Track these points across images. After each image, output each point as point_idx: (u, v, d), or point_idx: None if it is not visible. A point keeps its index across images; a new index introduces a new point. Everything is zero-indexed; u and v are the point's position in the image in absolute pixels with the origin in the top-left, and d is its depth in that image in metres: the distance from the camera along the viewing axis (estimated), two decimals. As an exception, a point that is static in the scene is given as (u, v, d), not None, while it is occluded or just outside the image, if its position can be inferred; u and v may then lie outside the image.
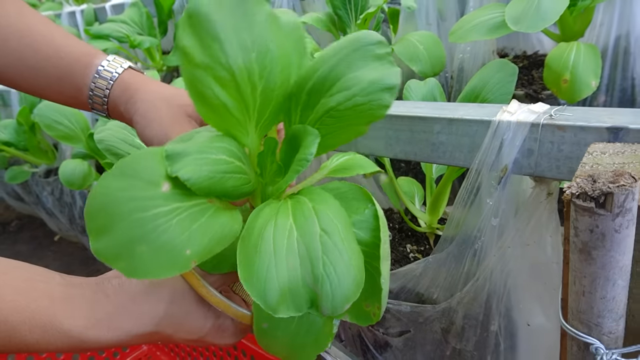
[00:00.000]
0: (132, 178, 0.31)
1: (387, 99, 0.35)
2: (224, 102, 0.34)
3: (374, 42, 0.36)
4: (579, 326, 0.33)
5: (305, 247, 0.31)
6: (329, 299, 0.30)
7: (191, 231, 0.31)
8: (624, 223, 0.28)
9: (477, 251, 0.51)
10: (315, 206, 0.34)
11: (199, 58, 0.33)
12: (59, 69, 0.49)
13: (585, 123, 0.40)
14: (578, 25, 0.65)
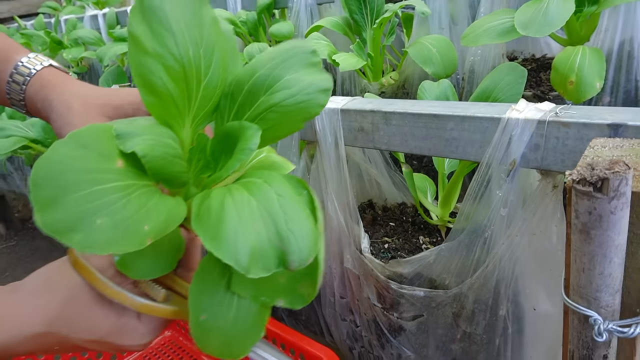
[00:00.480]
0: (86, 149, 0.30)
1: (323, 98, 0.39)
2: (171, 91, 0.35)
3: (309, 51, 0.40)
4: (579, 300, 0.36)
5: (267, 211, 0.33)
6: (295, 253, 0.31)
7: (148, 207, 0.31)
8: (619, 205, 0.32)
9: (487, 240, 0.55)
10: (265, 180, 0.36)
11: (150, 46, 0.34)
12: None
13: (588, 120, 0.44)
14: (584, 31, 0.68)
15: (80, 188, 0.28)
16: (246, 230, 0.31)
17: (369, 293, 0.66)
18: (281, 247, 0.31)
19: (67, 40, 1.75)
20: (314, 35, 0.90)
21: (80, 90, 0.47)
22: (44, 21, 2.07)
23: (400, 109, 0.57)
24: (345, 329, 0.77)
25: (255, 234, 0.31)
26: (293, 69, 0.39)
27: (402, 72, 0.90)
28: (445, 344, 0.62)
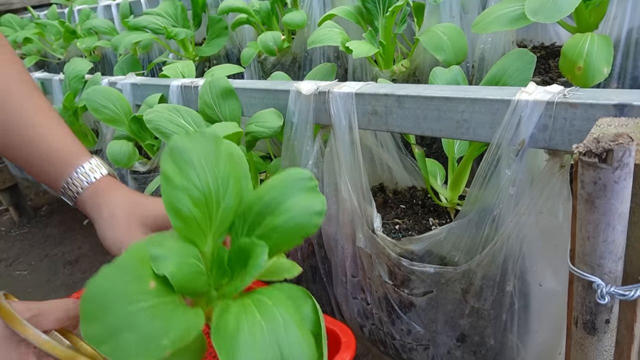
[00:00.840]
0: (125, 274, 0.38)
1: (317, 220, 0.47)
2: (194, 216, 0.44)
3: (306, 178, 0.48)
4: (584, 268, 0.39)
5: (275, 338, 0.40)
6: None
7: (170, 322, 0.38)
8: (622, 175, 0.34)
9: (496, 217, 0.57)
10: (274, 303, 0.43)
11: (178, 181, 0.43)
12: (43, 159, 0.55)
13: (595, 101, 0.46)
14: (593, 18, 0.70)
15: (116, 308, 0.36)
16: (257, 352, 0.38)
17: (380, 271, 0.69)
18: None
19: (81, 30, 1.78)
20: (327, 23, 0.92)
21: (125, 200, 0.54)
22: (57, 11, 2.10)
23: (413, 92, 0.60)
24: (356, 308, 0.80)
25: (264, 355, 0.38)
26: (293, 195, 0.48)
27: (413, 60, 0.92)
28: (453, 319, 0.65)
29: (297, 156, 0.77)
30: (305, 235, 0.48)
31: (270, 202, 0.48)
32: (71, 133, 0.58)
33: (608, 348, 0.41)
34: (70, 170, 0.55)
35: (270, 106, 0.78)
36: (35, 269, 2.15)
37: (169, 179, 0.43)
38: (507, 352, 0.63)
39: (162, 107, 0.85)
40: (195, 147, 0.46)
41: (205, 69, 1.41)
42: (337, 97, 0.67)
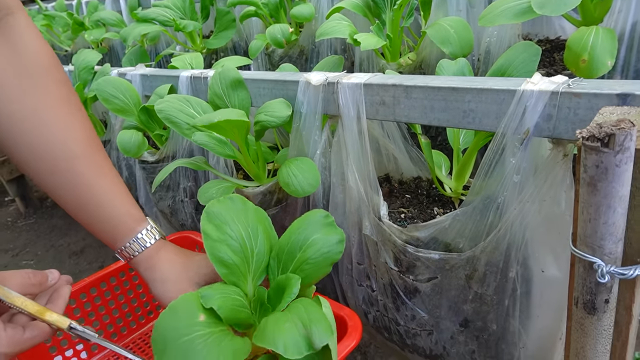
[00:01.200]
0: (178, 313, 0.48)
1: (340, 248, 0.59)
2: (234, 261, 0.56)
3: (323, 216, 0.61)
4: (585, 249, 0.40)
5: (298, 316, 0.50)
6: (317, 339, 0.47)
7: (221, 348, 0.47)
8: (623, 159, 0.35)
9: (500, 205, 0.59)
10: (300, 302, 0.53)
11: (216, 236, 0.56)
12: (104, 222, 0.60)
13: (598, 90, 0.47)
14: (598, 12, 0.71)
15: (175, 340, 0.46)
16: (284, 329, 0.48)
17: (386, 257, 0.70)
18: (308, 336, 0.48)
19: (89, 22, 1.80)
20: (335, 16, 0.93)
21: (176, 264, 0.61)
22: (64, 3, 2.11)
23: (420, 83, 0.61)
24: (362, 295, 0.81)
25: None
26: (315, 231, 0.60)
27: (419, 53, 0.93)
28: (457, 305, 0.66)
29: (305, 146, 0.79)
30: (332, 262, 0.59)
31: (297, 241, 0.59)
32: (128, 194, 0.62)
33: (607, 327, 0.43)
34: (130, 236, 0.61)
35: (279, 97, 0.80)
36: (41, 259, 2.18)
37: (208, 235, 0.55)
38: (509, 336, 0.65)
39: (173, 97, 0.87)
40: (227, 207, 0.58)
41: (212, 61, 1.42)
42: (346, 87, 0.68)
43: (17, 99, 0.53)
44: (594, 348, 0.44)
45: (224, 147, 0.83)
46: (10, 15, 0.54)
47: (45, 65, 0.56)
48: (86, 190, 0.58)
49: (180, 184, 1.11)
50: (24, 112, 0.54)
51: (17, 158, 0.56)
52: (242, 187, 0.88)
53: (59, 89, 0.57)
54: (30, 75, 0.54)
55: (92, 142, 0.59)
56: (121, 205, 0.61)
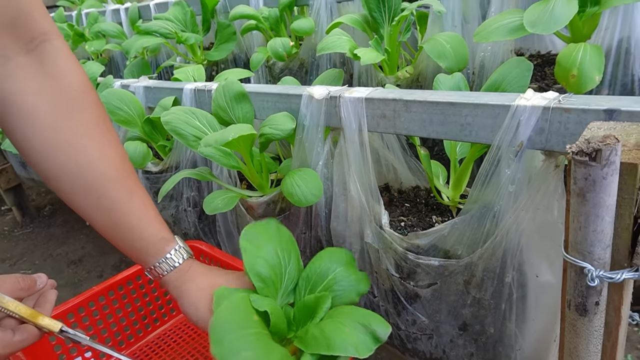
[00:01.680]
0: (235, 310, 0.54)
1: (364, 288, 0.67)
2: (270, 276, 0.63)
3: (344, 252, 0.70)
4: (576, 255, 0.43)
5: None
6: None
7: (270, 348, 0.53)
8: (609, 172, 0.39)
9: (496, 213, 0.62)
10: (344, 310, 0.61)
11: (253, 253, 0.63)
12: (134, 241, 0.61)
13: (587, 106, 0.51)
14: (586, 29, 0.75)
15: (233, 332, 0.51)
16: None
17: (387, 264, 0.73)
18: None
19: (89, 33, 1.83)
20: (335, 31, 0.97)
21: (204, 284, 0.63)
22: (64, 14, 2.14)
23: (420, 97, 0.64)
24: (363, 300, 0.84)
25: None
26: (339, 265, 0.68)
27: (416, 67, 0.97)
28: (456, 309, 0.69)
29: (308, 157, 0.82)
30: (359, 293, 0.66)
31: (319, 272, 0.68)
32: (158, 215, 0.64)
33: (598, 328, 0.46)
34: (159, 257, 0.62)
35: (283, 110, 0.83)
36: (39, 268, 2.18)
37: (247, 251, 0.63)
38: (505, 339, 0.68)
39: (178, 110, 0.90)
40: (263, 229, 0.67)
41: (213, 72, 1.46)
42: (348, 101, 0.71)
43: (51, 127, 0.54)
44: (586, 348, 0.47)
45: (229, 159, 0.85)
46: (47, 42, 0.55)
47: (80, 90, 0.57)
48: (119, 213, 0.59)
49: (184, 194, 1.13)
50: (57, 140, 0.55)
51: (52, 183, 0.57)
52: (246, 197, 0.91)
53: (92, 113, 0.58)
54: (65, 102, 0.55)
55: (124, 165, 0.60)
56: (151, 227, 0.62)
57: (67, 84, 0.56)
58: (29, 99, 0.54)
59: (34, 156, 0.56)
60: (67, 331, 0.60)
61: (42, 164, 0.56)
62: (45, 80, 0.54)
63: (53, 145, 0.55)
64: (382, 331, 0.56)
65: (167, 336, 1.03)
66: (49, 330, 0.58)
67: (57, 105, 0.55)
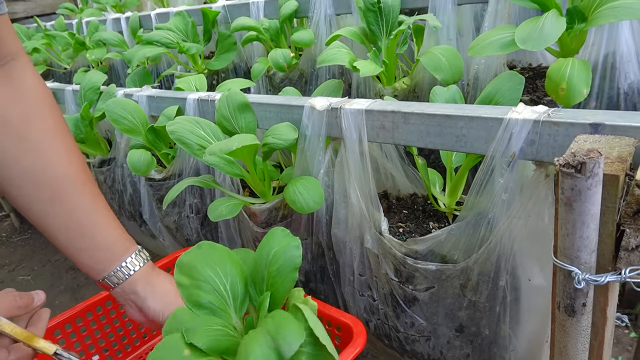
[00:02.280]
0: (166, 349, 0.57)
1: (298, 252, 0.64)
2: (211, 301, 0.64)
3: (280, 231, 0.68)
4: (565, 260, 0.47)
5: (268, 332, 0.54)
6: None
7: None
8: (593, 183, 0.42)
9: (490, 220, 0.65)
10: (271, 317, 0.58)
11: (189, 283, 0.64)
12: (99, 247, 0.63)
13: (574, 120, 0.54)
14: (574, 44, 0.79)
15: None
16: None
17: (387, 269, 0.76)
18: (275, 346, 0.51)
19: (90, 42, 1.85)
20: (335, 44, 1.00)
21: (170, 277, 0.67)
22: (64, 22, 2.16)
23: (417, 110, 0.68)
24: (363, 304, 0.87)
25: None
26: (277, 244, 0.66)
27: (413, 78, 1.01)
28: (453, 312, 0.72)
29: (310, 165, 0.85)
30: (295, 266, 0.63)
31: (262, 258, 0.66)
32: (117, 220, 0.66)
33: (585, 328, 0.49)
34: (125, 256, 0.64)
35: (285, 120, 0.86)
36: (38, 274, 2.18)
37: (182, 284, 0.64)
38: (500, 340, 0.71)
39: (183, 119, 0.93)
40: (195, 256, 0.67)
41: (213, 82, 1.49)
42: (349, 113, 0.75)
43: (20, 135, 0.58)
44: (574, 347, 0.50)
45: (233, 167, 0.88)
46: (14, 60, 0.60)
47: (43, 101, 0.61)
48: (84, 218, 0.61)
49: (186, 201, 1.16)
50: (25, 146, 0.58)
51: (12, 190, 0.59)
52: (249, 204, 0.93)
53: (55, 121, 0.62)
54: (32, 112, 0.59)
55: (86, 171, 0.63)
56: (117, 228, 0.65)
57: (32, 96, 0.60)
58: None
59: (4, 163, 0.58)
60: (61, 354, 0.61)
61: (6, 169, 0.58)
62: (16, 94, 0.58)
63: (21, 150, 0.58)
64: (289, 345, 0.50)
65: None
66: (44, 352, 0.59)
67: (25, 115, 0.59)
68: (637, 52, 0.75)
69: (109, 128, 1.54)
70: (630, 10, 0.65)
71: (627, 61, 0.76)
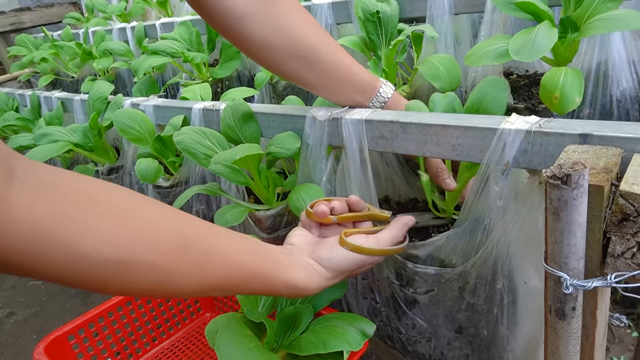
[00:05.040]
0: (232, 331, 0.66)
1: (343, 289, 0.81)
2: None
3: None
4: (554, 265, 0.49)
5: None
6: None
7: (270, 356, 0.64)
8: (579, 194, 0.44)
9: (486, 226, 0.67)
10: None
11: None
12: (354, 85, 0.80)
13: (564, 131, 0.57)
14: (567, 53, 0.81)
15: (238, 351, 0.63)
16: None
17: (388, 273, 0.79)
18: None
19: (96, 51, 1.89)
20: (335, 53, 1.03)
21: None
22: (71, 32, 2.21)
23: (415, 120, 0.70)
24: (366, 307, 0.90)
25: None
26: None
27: (412, 86, 1.03)
28: (452, 314, 0.75)
29: (312, 173, 0.87)
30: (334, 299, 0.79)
31: None
32: (360, 66, 0.82)
33: (576, 330, 0.51)
34: (374, 93, 0.81)
35: (288, 129, 0.89)
36: (48, 278, 2.23)
37: None
38: (498, 341, 0.73)
39: (189, 130, 0.96)
40: None
41: (218, 89, 1.52)
42: (349, 122, 0.77)
43: (265, 22, 0.70)
44: (566, 348, 0.53)
45: (238, 175, 0.91)
46: None
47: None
48: (342, 67, 0.78)
49: (193, 207, 1.19)
50: (275, 29, 0.70)
51: (276, 63, 0.75)
52: (254, 211, 0.96)
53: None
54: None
55: (323, 34, 0.77)
56: (362, 72, 0.81)
57: None
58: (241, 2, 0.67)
59: (255, 49, 0.72)
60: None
61: (265, 52, 0.72)
62: None
63: (273, 33, 0.70)
64: (369, 328, 0.68)
65: (182, 343, 1.08)
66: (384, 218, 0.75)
67: (262, 3, 0.68)
68: (628, 60, 0.77)
69: (116, 136, 1.58)
70: (620, 22, 0.67)
71: (620, 69, 0.78)
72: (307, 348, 0.64)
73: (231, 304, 1.09)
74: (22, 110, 1.86)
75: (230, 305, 1.10)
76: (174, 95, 1.73)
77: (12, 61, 2.48)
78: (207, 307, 1.15)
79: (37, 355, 0.85)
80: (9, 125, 1.74)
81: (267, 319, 0.70)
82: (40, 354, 0.85)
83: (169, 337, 1.09)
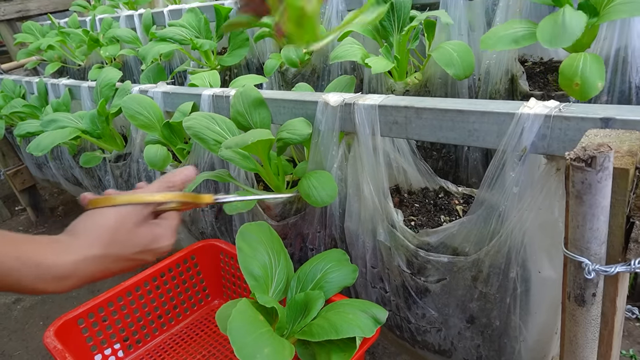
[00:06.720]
0: (244, 315, 0.66)
1: (353, 278, 0.83)
2: (262, 276, 0.77)
3: (340, 253, 0.86)
4: (575, 251, 0.48)
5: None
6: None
7: (282, 341, 0.65)
8: (604, 177, 0.43)
9: (501, 213, 0.66)
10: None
11: (249, 252, 0.78)
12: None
13: (585, 115, 0.55)
14: (586, 39, 0.79)
15: (250, 335, 0.63)
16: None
17: (399, 261, 0.78)
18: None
19: (103, 39, 1.88)
20: (347, 40, 1.02)
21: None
22: (77, 19, 2.20)
23: (430, 105, 0.69)
24: (375, 296, 0.89)
25: None
26: (330, 262, 0.83)
27: (424, 73, 1.01)
28: (464, 303, 0.74)
29: (324, 160, 0.86)
30: (344, 286, 0.80)
31: (315, 268, 0.82)
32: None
33: (595, 317, 0.50)
34: None
35: (299, 115, 0.88)
36: (54, 266, 2.24)
37: (242, 251, 0.77)
38: (510, 331, 0.72)
39: (199, 115, 0.95)
40: (258, 231, 0.80)
41: (226, 77, 1.51)
42: (362, 108, 0.76)
43: None
44: (584, 336, 0.52)
45: (248, 162, 0.90)
46: None
47: None
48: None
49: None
50: None
51: None
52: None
53: None
54: None
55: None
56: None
57: None
58: None
59: None
60: (217, 198, 0.66)
61: None
62: None
63: None
64: (381, 314, 0.69)
65: (191, 329, 1.08)
66: (208, 202, 0.65)
67: None
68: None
69: (124, 124, 1.57)
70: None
71: (639, 55, 0.76)
72: (318, 334, 0.63)
73: (240, 291, 1.09)
74: (29, 98, 1.85)
75: (239, 293, 1.10)
76: (182, 84, 1.72)
77: (19, 48, 2.47)
78: (215, 294, 1.14)
79: (48, 339, 0.85)
80: (15, 112, 1.74)
81: (279, 305, 0.70)
82: (50, 337, 0.85)
83: (178, 324, 1.08)
